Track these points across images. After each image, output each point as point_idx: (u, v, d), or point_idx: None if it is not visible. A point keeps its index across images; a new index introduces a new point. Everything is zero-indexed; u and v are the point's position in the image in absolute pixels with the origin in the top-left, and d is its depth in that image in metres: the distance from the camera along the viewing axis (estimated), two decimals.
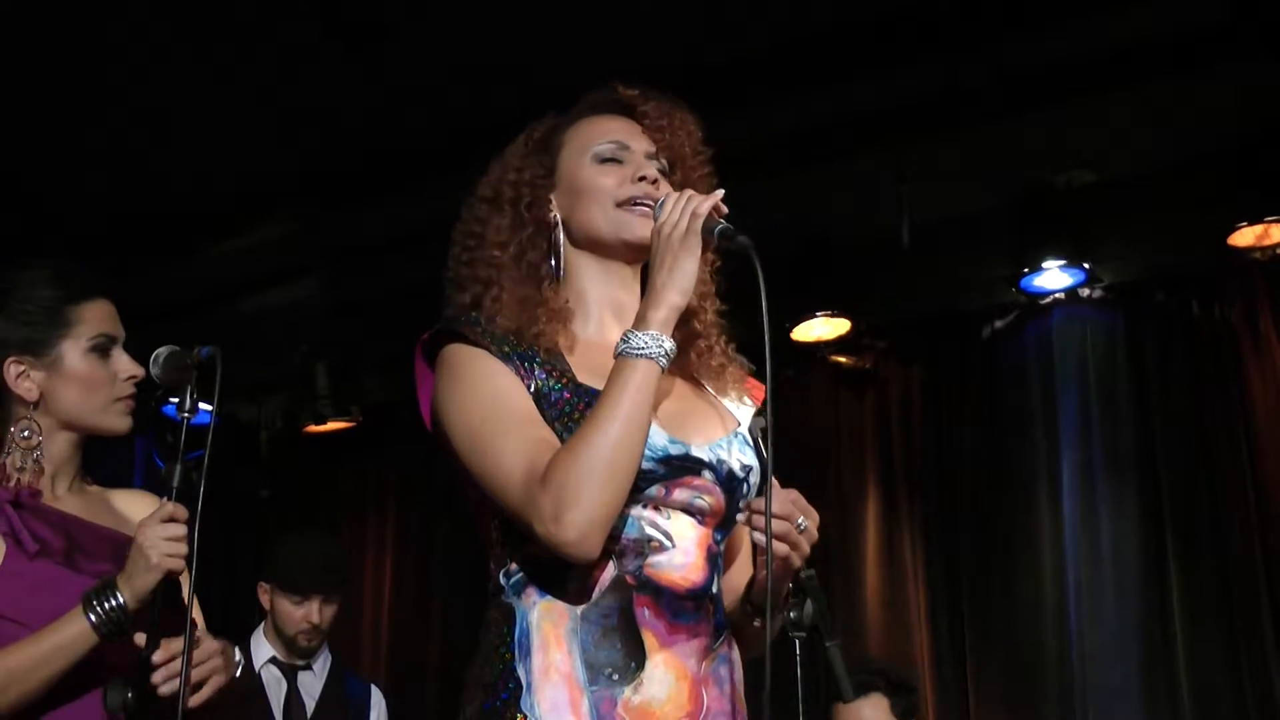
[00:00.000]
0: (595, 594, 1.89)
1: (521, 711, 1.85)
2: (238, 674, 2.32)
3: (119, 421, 2.45)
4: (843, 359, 5.62)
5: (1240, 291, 5.09)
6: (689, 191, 1.96)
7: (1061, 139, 4.56)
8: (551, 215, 2.09)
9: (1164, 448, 5.14)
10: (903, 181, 4.66)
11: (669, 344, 1.88)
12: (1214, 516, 5.00)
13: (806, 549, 1.90)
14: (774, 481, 1.87)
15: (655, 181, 2.05)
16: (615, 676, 1.87)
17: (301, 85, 4.30)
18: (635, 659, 1.88)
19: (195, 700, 2.18)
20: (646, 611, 1.90)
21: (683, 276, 1.90)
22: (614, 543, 1.89)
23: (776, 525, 1.85)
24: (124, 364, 2.43)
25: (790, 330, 5.27)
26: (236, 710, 2.46)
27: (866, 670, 4.08)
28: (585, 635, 1.88)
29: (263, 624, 4.25)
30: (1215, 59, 4.15)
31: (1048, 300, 5.31)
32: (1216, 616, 4.90)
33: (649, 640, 1.89)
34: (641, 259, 2.03)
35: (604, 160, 2.07)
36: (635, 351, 1.87)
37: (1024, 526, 5.31)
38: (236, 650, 2.33)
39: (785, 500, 1.88)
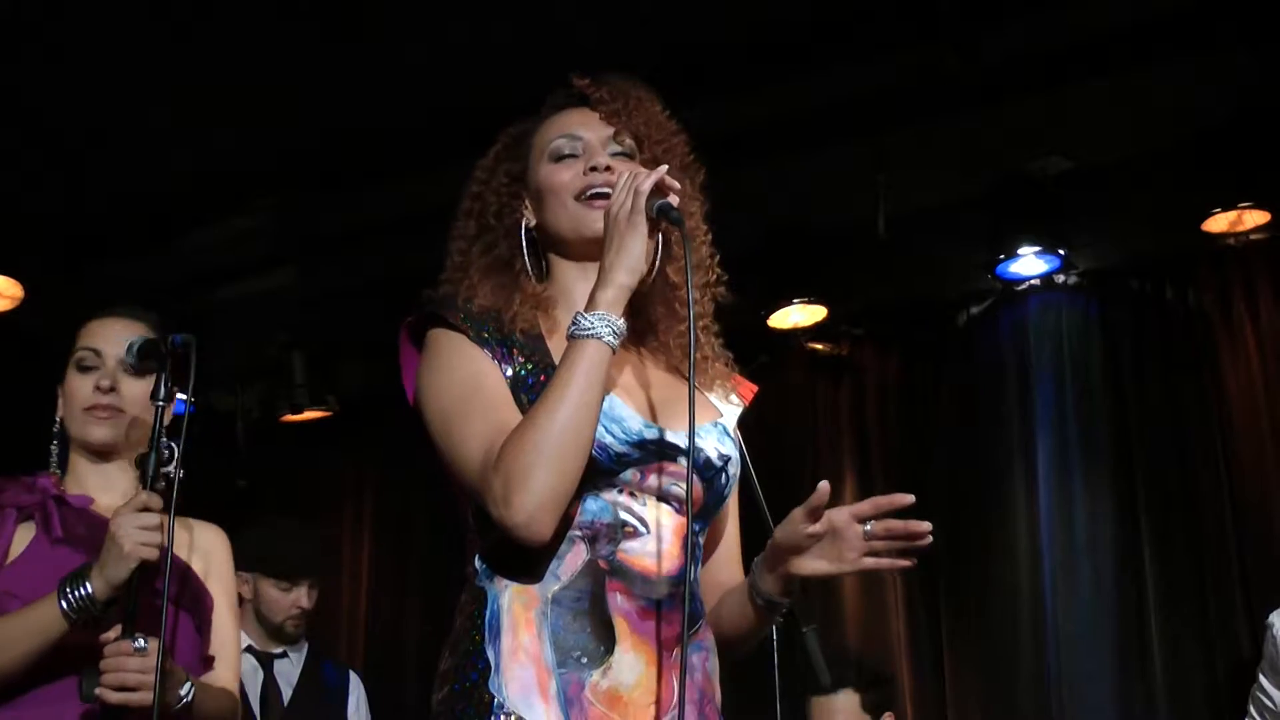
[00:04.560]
0: (568, 577, 1.90)
1: (490, 692, 1.85)
2: (183, 699, 2.34)
3: (89, 431, 2.53)
4: (819, 346, 5.63)
5: (1214, 278, 5.10)
6: (637, 170, 1.96)
7: (1037, 126, 4.56)
8: (524, 219, 2.10)
9: (1139, 434, 5.15)
10: (879, 169, 4.66)
11: (619, 323, 1.88)
12: (1188, 503, 5.00)
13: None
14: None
15: (609, 168, 2.04)
16: (584, 660, 1.87)
17: (281, 73, 4.28)
18: (605, 643, 1.88)
19: (113, 699, 2.21)
20: (619, 596, 1.90)
21: (629, 256, 1.89)
22: (588, 527, 1.90)
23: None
24: (96, 377, 2.51)
25: (766, 317, 5.27)
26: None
27: (838, 664, 4.04)
28: (556, 618, 1.88)
29: None
30: (1189, 46, 4.16)
31: (1023, 287, 5.32)
32: (1191, 603, 4.91)
33: (619, 625, 1.89)
34: None
35: (559, 158, 2.08)
36: (583, 332, 1.86)
37: (1000, 513, 5.31)
38: (189, 685, 2.35)
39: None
